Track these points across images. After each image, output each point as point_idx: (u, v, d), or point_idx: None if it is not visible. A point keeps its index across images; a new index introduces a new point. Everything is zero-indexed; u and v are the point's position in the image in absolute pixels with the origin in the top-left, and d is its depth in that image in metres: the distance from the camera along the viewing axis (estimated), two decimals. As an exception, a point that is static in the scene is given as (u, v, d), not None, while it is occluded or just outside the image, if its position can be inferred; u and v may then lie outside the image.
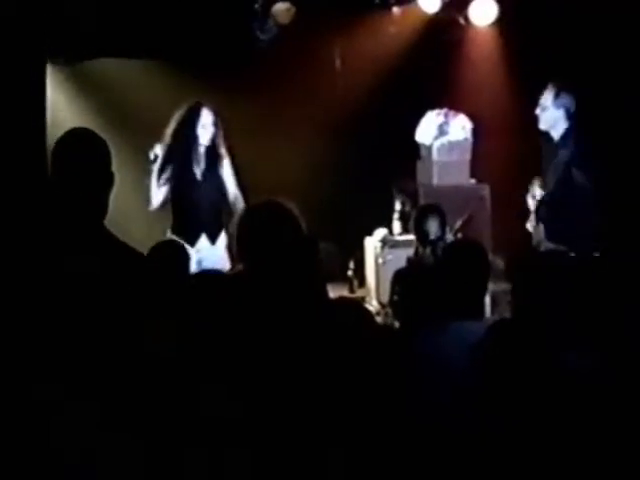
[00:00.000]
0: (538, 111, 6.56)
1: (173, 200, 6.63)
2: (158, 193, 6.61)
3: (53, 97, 8.04)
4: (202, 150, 6.66)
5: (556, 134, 6.52)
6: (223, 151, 6.66)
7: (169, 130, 6.62)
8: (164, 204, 6.62)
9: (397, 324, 4.43)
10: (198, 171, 6.66)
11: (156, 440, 2.98)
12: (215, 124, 6.64)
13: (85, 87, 8.32)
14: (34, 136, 6.36)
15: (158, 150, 6.59)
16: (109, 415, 2.97)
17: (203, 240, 6.59)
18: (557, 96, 6.45)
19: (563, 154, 6.40)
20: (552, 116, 6.47)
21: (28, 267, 3.08)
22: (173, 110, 7.09)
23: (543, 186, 6.61)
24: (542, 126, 6.58)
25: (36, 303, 3.01)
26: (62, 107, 8.11)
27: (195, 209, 6.61)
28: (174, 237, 6.35)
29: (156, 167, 6.59)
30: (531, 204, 6.98)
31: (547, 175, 6.55)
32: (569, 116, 6.48)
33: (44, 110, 6.60)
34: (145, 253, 3.82)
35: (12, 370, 2.98)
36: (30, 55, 6.40)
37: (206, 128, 6.62)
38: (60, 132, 3.28)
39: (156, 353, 3.06)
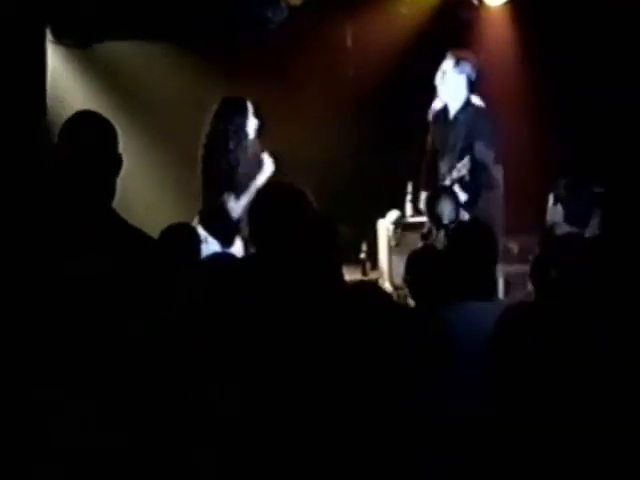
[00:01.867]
0: (438, 81, 6.58)
1: (221, 202, 6.38)
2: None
3: (63, 79, 8.03)
4: (250, 146, 6.50)
5: (454, 106, 6.51)
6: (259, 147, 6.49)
7: (228, 132, 6.37)
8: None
9: (411, 305, 4.42)
10: (246, 169, 6.46)
11: (165, 439, 2.96)
12: (255, 115, 6.53)
13: (96, 70, 8.29)
14: (33, 118, 6.34)
15: None
16: (116, 414, 2.96)
17: (238, 245, 6.34)
18: (457, 63, 6.49)
19: (461, 128, 6.40)
20: (453, 82, 6.51)
21: (30, 258, 3.06)
22: (184, 93, 7.02)
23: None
24: (443, 97, 6.58)
25: (41, 297, 2.99)
26: (73, 90, 8.09)
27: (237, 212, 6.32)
28: (210, 237, 6.24)
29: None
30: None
31: (444, 154, 6.53)
32: (470, 84, 6.46)
33: (44, 96, 6.58)
34: (154, 236, 3.79)
35: (15, 369, 2.97)
36: (30, 36, 6.37)
37: (252, 120, 6.52)
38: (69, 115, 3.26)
39: (164, 341, 3.04)
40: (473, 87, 6.61)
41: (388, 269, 7.59)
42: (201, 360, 3.10)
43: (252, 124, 6.49)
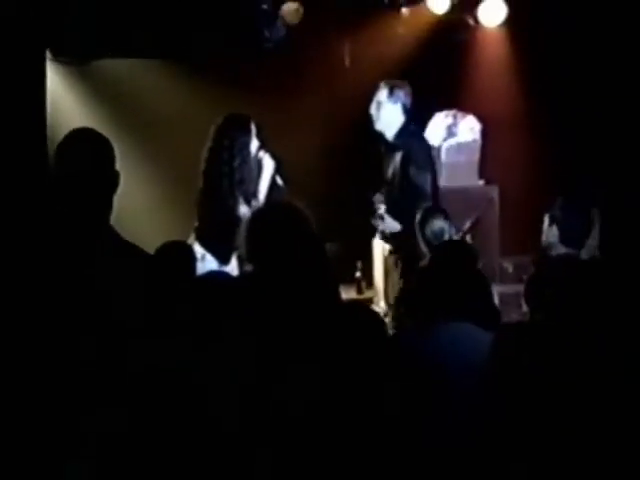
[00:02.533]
0: (373, 110, 6.69)
1: (219, 218, 6.36)
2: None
3: (63, 97, 8.04)
4: (253, 164, 6.51)
5: (390, 133, 6.63)
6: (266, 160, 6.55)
7: (232, 150, 6.39)
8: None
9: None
10: (251, 186, 6.46)
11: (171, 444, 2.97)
12: (257, 135, 6.57)
13: (94, 87, 8.31)
14: (34, 135, 6.33)
15: None
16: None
17: (233, 262, 6.31)
18: (391, 93, 6.58)
19: (398, 155, 6.49)
20: (389, 112, 6.65)
21: (31, 270, 3.07)
22: (182, 110, 6.99)
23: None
24: (378, 126, 6.71)
25: (39, 308, 3.00)
26: (70, 107, 8.10)
27: (235, 227, 6.14)
28: (208, 255, 6.25)
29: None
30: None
31: (387, 183, 6.70)
32: (405, 110, 6.62)
33: (44, 110, 6.59)
34: (150, 253, 3.80)
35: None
36: (30, 53, 6.38)
37: (254, 141, 6.55)
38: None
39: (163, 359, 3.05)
40: (409, 113, 6.67)
41: (383, 288, 7.59)
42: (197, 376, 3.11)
43: (254, 145, 6.52)
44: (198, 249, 6.16)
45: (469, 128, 8.16)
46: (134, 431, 2.97)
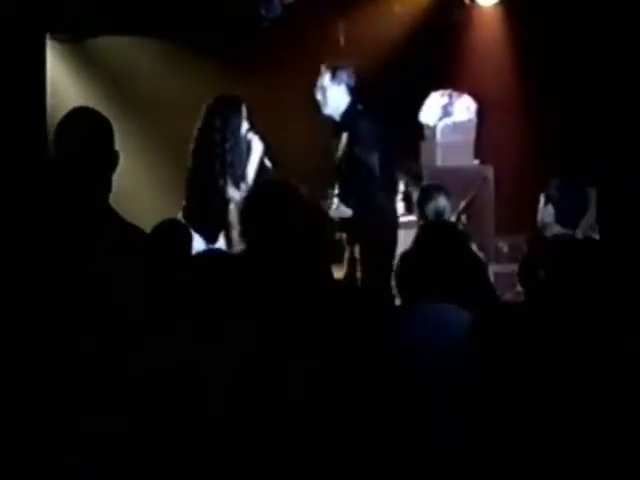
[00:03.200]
0: (318, 96, 6.62)
1: (208, 199, 6.44)
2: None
3: (60, 75, 8.03)
4: (243, 146, 6.53)
5: (338, 114, 6.58)
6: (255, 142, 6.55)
7: (225, 132, 6.43)
8: None
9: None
10: (240, 169, 6.50)
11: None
12: (247, 118, 6.57)
13: (92, 65, 8.30)
14: (34, 115, 6.33)
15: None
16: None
17: (221, 241, 6.40)
18: (334, 76, 6.52)
19: (345, 135, 6.49)
20: (334, 95, 6.57)
21: (29, 251, 3.07)
22: (177, 88, 6.99)
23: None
24: (326, 111, 6.66)
25: (39, 293, 3.01)
26: (66, 85, 8.10)
27: (223, 207, 6.40)
28: (196, 234, 6.27)
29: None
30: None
31: (337, 160, 6.66)
32: (350, 91, 6.58)
33: (44, 89, 6.58)
34: (147, 231, 3.81)
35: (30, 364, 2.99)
36: (30, 32, 6.36)
37: (245, 123, 6.55)
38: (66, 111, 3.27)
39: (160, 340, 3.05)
40: (354, 93, 6.65)
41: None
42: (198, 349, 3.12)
43: (245, 126, 6.52)
44: (187, 229, 6.17)
45: (465, 107, 8.15)
46: (134, 431, 2.98)
